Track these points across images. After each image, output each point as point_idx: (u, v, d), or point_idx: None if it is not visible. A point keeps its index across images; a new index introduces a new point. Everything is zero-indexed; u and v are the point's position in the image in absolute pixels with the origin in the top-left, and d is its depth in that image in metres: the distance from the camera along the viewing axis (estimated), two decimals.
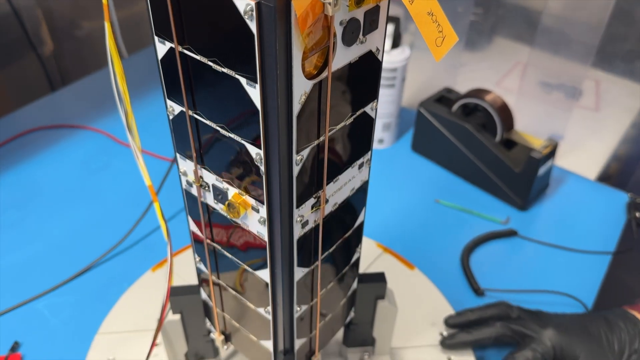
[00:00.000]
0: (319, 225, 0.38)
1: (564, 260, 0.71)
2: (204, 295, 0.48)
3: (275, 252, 0.37)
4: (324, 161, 0.35)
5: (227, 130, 0.33)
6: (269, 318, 0.42)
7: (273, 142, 0.32)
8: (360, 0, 0.30)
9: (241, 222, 0.38)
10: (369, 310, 0.52)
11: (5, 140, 0.86)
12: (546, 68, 1.00)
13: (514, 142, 0.78)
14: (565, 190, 0.81)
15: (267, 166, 0.33)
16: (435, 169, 0.83)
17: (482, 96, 0.76)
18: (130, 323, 0.60)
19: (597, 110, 1.00)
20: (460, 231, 0.74)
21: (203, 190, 0.39)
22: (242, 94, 0.30)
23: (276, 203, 0.35)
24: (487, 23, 1.13)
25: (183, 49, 0.32)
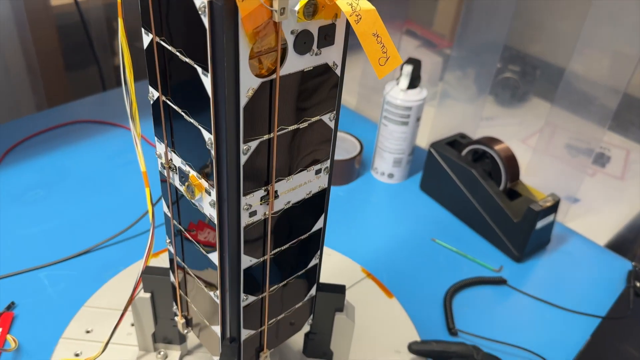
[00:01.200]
0: (268, 218, 0.41)
1: (550, 317, 0.70)
2: (172, 278, 0.51)
3: (223, 236, 0.41)
4: (273, 157, 0.39)
5: (189, 115, 0.38)
6: (218, 302, 0.45)
7: (221, 128, 0.35)
8: (311, 14, 0.34)
9: (198, 205, 0.41)
10: (328, 321, 0.54)
11: (52, 127, 0.94)
12: (576, 132, 1.00)
13: (517, 193, 0.78)
14: (566, 249, 0.80)
15: (217, 151, 0.36)
16: (439, 210, 0.85)
17: (492, 144, 0.78)
18: (115, 302, 0.64)
19: (623, 179, 0.99)
20: (451, 272, 0.74)
21: (172, 173, 0.43)
22: (199, 82, 0.35)
23: (224, 188, 0.38)
24: (522, 81, 1.14)
25: (160, 40, 0.37)
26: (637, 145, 1.06)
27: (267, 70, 0.35)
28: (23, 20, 1.03)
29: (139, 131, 0.50)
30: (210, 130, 0.36)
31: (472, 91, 1.11)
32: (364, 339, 0.61)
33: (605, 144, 1.03)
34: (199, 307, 0.49)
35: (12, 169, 0.85)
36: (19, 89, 1.08)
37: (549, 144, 1.03)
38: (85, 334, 0.60)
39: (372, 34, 0.34)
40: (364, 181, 0.90)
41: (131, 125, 0.50)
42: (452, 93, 1.08)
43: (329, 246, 0.75)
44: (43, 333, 0.61)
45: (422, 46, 1.21)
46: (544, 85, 1.16)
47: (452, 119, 1.06)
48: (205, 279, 0.46)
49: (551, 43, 1.14)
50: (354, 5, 0.33)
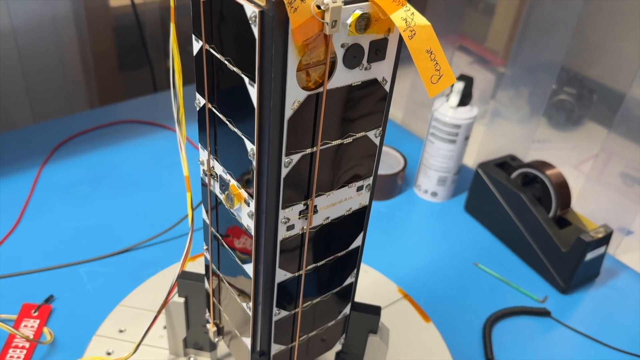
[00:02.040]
0: (306, 233, 0.41)
1: (596, 356, 0.66)
2: (207, 285, 0.51)
3: (259, 247, 0.40)
4: (315, 171, 0.38)
5: (233, 124, 0.37)
6: (250, 314, 0.44)
7: (264, 140, 0.35)
8: (363, 28, 0.33)
9: (236, 214, 0.41)
10: (360, 342, 0.52)
11: (102, 125, 0.96)
12: (633, 160, 0.96)
13: (567, 222, 0.75)
14: (616, 284, 0.76)
15: (258, 162, 0.36)
16: (483, 232, 0.82)
17: (544, 169, 0.75)
18: (149, 303, 0.64)
19: None
20: (492, 299, 0.72)
21: (213, 180, 0.43)
22: (245, 92, 0.34)
23: (263, 200, 0.37)
24: (577, 104, 1.10)
25: (209, 48, 0.37)
26: None
27: (314, 83, 0.34)
28: (82, 19, 1.06)
29: (185, 135, 0.50)
30: (253, 141, 0.35)
31: (524, 111, 1.08)
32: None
33: None
34: (231, 316, 0.48)
35: (61, 163, 0.87)
36: (74, 86, 1.11)
37: (603, 171, 0.98)
38: (118, 333, 0.61)
39: (425, 51, 0.33)
40: (406, 198, 0.88)
41: (177, 129, 0.50)
42: (504, 112, 1.05)
43: (366, 262, 0.73)
44: (78, 328, 0.62)
45: (474, 62, 1.18)
46: (601, 109, 1.11)
47: (502, 139, 1.03)
48: (239, 289, 0.45)
49: (611, 66, 1.10)
50: (408, 20, 0.32)
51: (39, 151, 0.88)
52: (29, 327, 0.60)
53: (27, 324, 0.61)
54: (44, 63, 1.04)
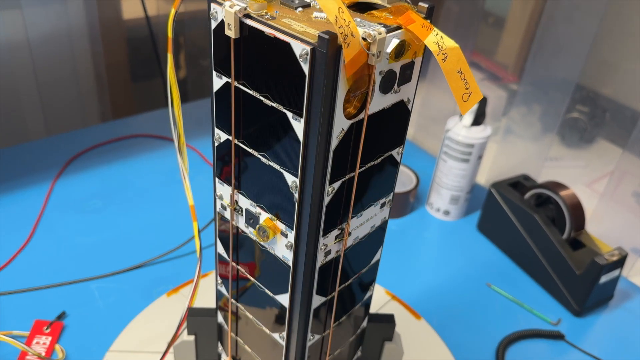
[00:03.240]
0: (340, 256, 0.41)
1: None
2: (220, 318, 0.50)
3: (297, 277, 0.40)
4: (351, 195, 0.38)
5: (267, 158, 0.37)
6: (283, 344, 0.44)
7: (309, 172, 0.35)
8: (399, 55, 0.33)
9: (268, 247, 0.40)
10: (376, 351, 0.53)
11: (115, 139, 0.96)
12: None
13: (581, 244, 0.74)
14: (630, 306, 0.75)
15: (300, 194, 0.36)
16: (495, 252, 0.81)
17: (558, 190, 0.74)
18: (140, 344, 0.62)
19: None
20: (505, 320, 0.71)
21: (236, 214, 0.42)
22: (287, 126, 0.34)
23: (304, 230, 0.37)
24: (590, 123, 1.10)
25: (238, 84, 0.36)
26: None
27: (354, 108, 0.34)
28: (96, 31, 1.07)
29: (187, 166, 0.50)
30: (296, 174, 0.35)
31: (536, 129, 1.07)
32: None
33: None
34: (256, 348, 0.48)
35: (74, 177, 0.87)
36: (87, 99, 1.12)
37: (616, 190, 0.98)
38: (131, 353, 0.60)
39: (456, 71, 0.33)
40: (417, 216, 0.88)
41: (179, 159, 0.49)
42: (516, 130, 1.05)
43: (377, 281, 0.73)
44: (89, 346, 0.62)
45: (485, 79, 1.18)
46: (614, 128, 1.11)
47: (514, 157, 1.03)
48: (269, 320, 0.44)
49: (625, 85, 1.09)
50: (440, 44, 0.32)
51: (52, 164, 0.89)
52: (40, 344, 0.60)
53: (38, 341, 0.61)
54: (58, 75, 1.05)
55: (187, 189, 0.51)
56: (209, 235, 0.78)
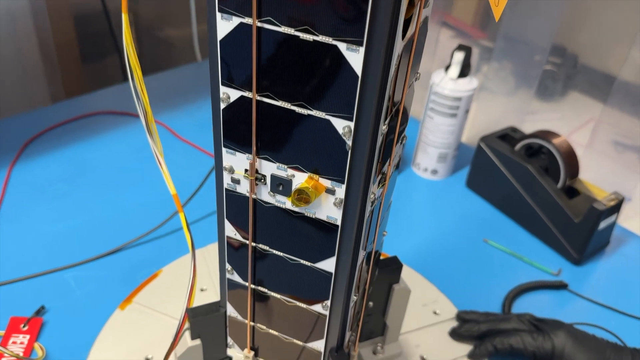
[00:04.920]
0: (381, 202, 0.37)
1: (615, 324, 0.64)
2: (231, 310, 0.45)
3: (345, 236, 0.36)
4: (395, 130, 0.34)
5: (306, 107, 0.32)
6: (326, 313, 0.40)
7: (367, 111, 0.30)
8: None
9: (306, 211, 0.36)
10: (384, 297, 0.51)
11: (72, 118, 0.89)
12: (622, 128, 0.95)
13: (576, 191, 0.73)
14: (626, 252, 0.75)
15: (354, 140, 0.31)
16: (488, 208, 0.79)
17: (549, 138, 0.73)
18: (155, 302, 0.58)
19: None
20: (506, 275, 0.69)
21: (256, 185, 0.37)
22: (338, 62, 0.29)
23: (356, 181, 0.33)
24: (562, 74, 1.09)
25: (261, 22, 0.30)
26: None
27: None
28: (41, 8, 0.98)
29: (161, 149, 0.44)
30: (351, 117, 0.31)
31: (510, 84, 1.06)
32: None
33: None
34: (285, 329, 0.43)
35: (32, 162, 0.79)
36: (34, 80, 1.03)
37: (594, 139, 0.98)
38: (121, 342, 0.55)
39: None
40: (404, 178, 0.85)
41: (150, 141, 0.43)
42: (490, 86, 1.03)
43: None
44: (72, 342, 0.56)
45: (456, 36, 1.15)
46: (586, 79, 1.11)
47: (491, 114, 1.01)
48: (306, 293, 0.40)
49: (596, 36, 1.09)
50: None
51: (5, 150, 0.81)
52: (17, 344, 0.54)
53: (15, 340, 0.54)
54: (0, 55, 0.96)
55: (166, 175, 0.45)
56: (188, 214, 0.73)
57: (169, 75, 1.04)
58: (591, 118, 1.07)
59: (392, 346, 0.55)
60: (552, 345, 0.52)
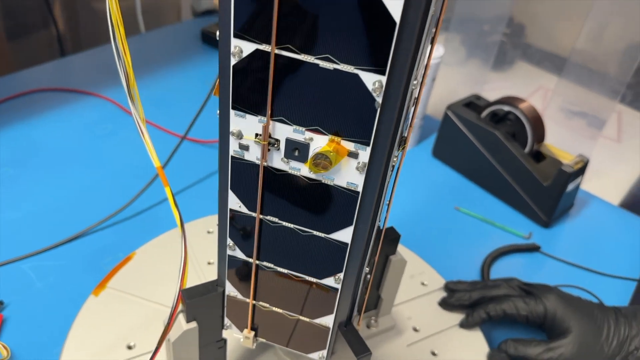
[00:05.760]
0: (399, 166, 0.36)
1: (588, 282, 0.67)
2: (230, 289, 0.42)
3: (365, 203, 0.33)
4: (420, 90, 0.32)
5: (332, 61, 0.29)
6: (338, 287, 0.37)
7: (402, 62, 0.28)
8: None
9: (324, 178, 0.33)
10: (380, 269, 0.49)
11: (8, 97, 0.81)
12: (569, 96, 0.99)
13: (542, 155, 0.74)
14: (588, 213, 0.77)
15: (385, 96, 0.29)
16: (456, 177, 0.80)
17: (516, 103, 0.73)
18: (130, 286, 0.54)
19: (619, 142, 0.98)
20: (480, 241, 0.70)
21: (271, 150, 0.33)
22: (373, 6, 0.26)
23: (383, 143, 0.31)
24: (512, 45, 1.11)
25: None
26: (626, 108, 1.06)
27: None
28: None
29: (143, 115, 0.40)
30: (384, 70, 0.28)
31: (463, 55, 1.07)
32: None
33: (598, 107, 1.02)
34: (291, 305, 0.40)
35: None
36: None
37: (546, 107, 1.01)
38: (97, 332, 0.51)
39: None
40: None
41: (132, 109, 0.39)
42: (445, 57, 1.03)
43: None
44: (38, 338, 0.51)
45: None
46: (535, 50, 1.14)
47: (448, 85, 1.02)
48: (317, 266, 0.37)
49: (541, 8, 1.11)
50: None
51: None
52: None
53: None
54: None
55: (149, 145, 0.40)
56: (149, 197, 0.68)
57: (110, 49, 0.97)
58: (540, 86, 1.10)
59: (385, 319, 0.54)
60: (544, 309, 0.53)
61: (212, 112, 0.68)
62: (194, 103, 0.71)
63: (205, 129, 0.75)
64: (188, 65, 0.95)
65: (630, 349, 0.50)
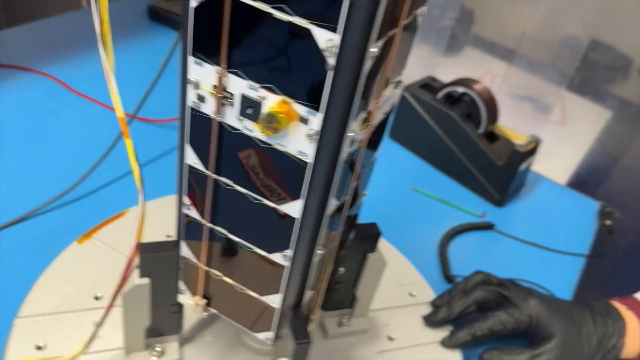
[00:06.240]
0: (362, 147, 0.34)
1: (539, 258, 0.69)
2: (185, 250, 0.40)
3: (316, 176, 0.32)
4: (389, 61, 0.31)
5: (285, 11, 0.27)
6: (287, 264, 0.36)
7: (356, 22, 0.26)
8: None
9: (275, 142, 0.32)
10: (357, 266, 0.48)
11: None
12: (516, 80, 1.01)
13: (496, 136, 0.76)
14: (538, 192, 0.80)
15: (338, 59, 0.27)
16: (412, 158, 0.80)
17: (471, 85, 0.74)
18: (57, 304, 0.50)
19: (564, 125, 1.02)
20: (437, 220, 0.71)
21: (223, 105, 0.32)
22: None
23: (335, 111, 0.29)
24: (463, 30, 1.13)
25: None
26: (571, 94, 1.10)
27: None
28: None
29: (112, 62, 0.38)
30: (335, 28, 0.26)
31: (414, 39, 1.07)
32: None
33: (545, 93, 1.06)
34: (241, 278, 0.39)
35: None
36: None
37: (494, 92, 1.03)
38: (43, 324, 0.47)
39: None
40: None
41: (101, 51, 0.37)
42: None
43: None
44: None
45: None
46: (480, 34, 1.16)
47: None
48: (267, 239, 0.36)
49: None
50: None
51: None
52: None
53: None
54: None
55: (114, 95, 0.39)
56: (97, 177, 0.65)
57: (51, 23, 0.92)
58: (487, 72, 1.12)
59: (359, 321, 0.52)
60: (529, 317, 0.51)
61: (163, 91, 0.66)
62: (142, 81, 0.67)
63: (155, 108, 0.72)
64: (135, 42, 0.91)
65: (608, 347, 0.51)
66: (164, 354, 0.46)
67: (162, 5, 0.97)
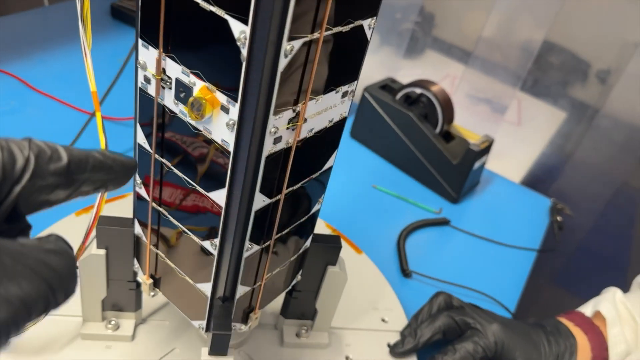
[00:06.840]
0: (292, 148, 0.35)
1: (492, 253, 0.72)
2: (138, 229, 0.42)
3: (237, 167, 0.33)
4: (313, 65, 0.32)
5: (208, 1, 0.28)
6: (214, 253, 0.37)
7: (264, 16, 0.27)
8: None
9: (203, 128, 0.33)
10: (317, 277, 0.48)
11: None
12: (474, 82, 1.05)
13: (451, 136, 0.79)
14: (492, 190, 0.83)
15: (250, 50, 0.28)
16: (372, 157, 0.82)
17: (429, 86, 0.77)
18: None
19: (519, 125, 1.06)
20: (396, 217, 0.73)
21: (163, 88, 0.33)
22: None
23: (251, 102, 0.30)
24: (424, 33, 1.16)
25: None
26: (526, 95, 1.14)
27: None
28: None
29: (90, 39, 0.40)
30: (246, 20, 0.27)
31: (375, 41, 1.10)
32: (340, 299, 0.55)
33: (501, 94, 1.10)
34: (180, 262, 0.40)
35: None
36: None
37: (453, 93, 1.06)
38: None
39: None
40: None
41: (81, 29, 0.39)
42: None
43: None
44: None
45: None
46: (440, 37, 1.19)
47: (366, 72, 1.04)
48: (198, 225, 0.37)
49: None
50: None
51: None
52: None
53: None
54: None
55: (89, 71, 0.40)
56: None
57: (11, 21, 0.91)
58: (447, 74, 1.15)
59: (319, 334, 0.51)
60: (494, 343, 0.51)
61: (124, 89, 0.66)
62: (104, 80, 0.68)
63: (117, 107, 0.73)
64: (97, 41, 0.91)
65: None
66: (118, 327, 0.47)
67: (125, 4, 0.97)
